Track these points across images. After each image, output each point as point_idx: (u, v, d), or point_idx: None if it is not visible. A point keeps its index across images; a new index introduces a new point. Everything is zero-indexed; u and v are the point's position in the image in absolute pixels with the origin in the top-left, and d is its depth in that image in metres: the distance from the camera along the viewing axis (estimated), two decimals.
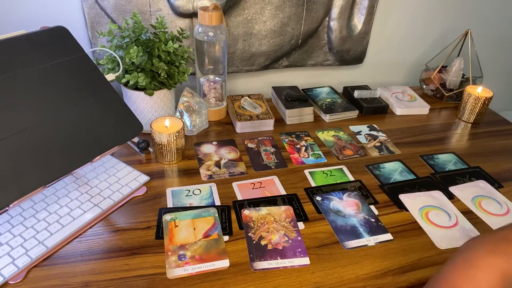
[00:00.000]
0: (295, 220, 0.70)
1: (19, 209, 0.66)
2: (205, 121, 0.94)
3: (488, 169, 0.87)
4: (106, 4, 0.90)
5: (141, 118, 0.87)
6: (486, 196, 0.79)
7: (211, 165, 0.83)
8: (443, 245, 0.67)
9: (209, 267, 0.60)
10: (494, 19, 1.29)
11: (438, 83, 1.16)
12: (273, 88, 1.10)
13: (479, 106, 1.04)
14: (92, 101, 0.69)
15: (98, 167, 0.78)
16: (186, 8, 0.94)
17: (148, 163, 0.82)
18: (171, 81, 0.86)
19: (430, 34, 1.25)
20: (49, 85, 0.66)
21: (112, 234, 0.65)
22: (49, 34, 0.70)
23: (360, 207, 0.74)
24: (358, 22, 1.12)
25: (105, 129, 0.69)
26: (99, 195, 0.71)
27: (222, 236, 0.65)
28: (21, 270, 0.57)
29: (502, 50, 1.38)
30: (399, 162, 0.88)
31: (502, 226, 0.47)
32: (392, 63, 1.27)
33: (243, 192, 0.76)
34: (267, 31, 1.04)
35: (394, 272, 0.62)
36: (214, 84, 0.98)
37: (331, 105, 1.06)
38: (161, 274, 0.59)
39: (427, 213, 0.74)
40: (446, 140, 0.99)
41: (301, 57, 1.13)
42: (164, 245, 0.63)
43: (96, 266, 0.59)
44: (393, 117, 1.08)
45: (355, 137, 0.97)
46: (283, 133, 0.96)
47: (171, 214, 0.69)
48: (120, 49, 0.83)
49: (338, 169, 0.85)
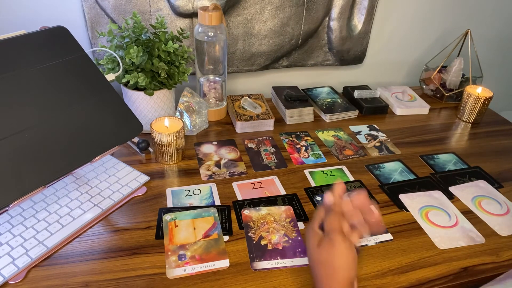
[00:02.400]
0: (295, 220, 0.70)
1: (19, 209, 0.66)
2: (205, 121, 0.94)
3: (488, 169, 0.87)
4: (106, 4, 0.90)
5: (141, 118, 0.87)
6: (486, 196, 0.79)
7: (211, 165, 0.83)
8: (443, 245, 0.67)
9: (209, 267, 0.60)
10: (494, 19, 1.29)
11: (438, 83, 1.16)
12: (273, 88, 1.10)
13: (479, 106, 1.04)
14: (92, 101, 0.69)
15: (98, 167, 0.78)
16: (186, 8, 0.94)
17: (148, 163, 0.82)
18: (171, 81, 0.86)
19: (430, 34, 1.25)
20: (49, 85, 0.66)
21: (112, 234, 0.65)
22: (49, 34, 0.70)
23: None
24: (358, 22, 1.12)
25: (105, 129, 0.69)
26: (99, 195, 0.71)
27: (222, 236, 0.65)
28: (21, 270, 0.57)
29: (502, 50, 1.38)
30: (399, 162, 0.88)
31: None
32: (392, 63, 1.27)
33: (243, 192, 0.76)
34: (267, 31, 1.04)
35: (394, 272, 0.62)
36: (214, 84, 0.98)
37: (331, 105, 1.06)
38: (161, 274, 0.59)
39: (427, 213, 0.74)
40: (446, 140, 0.99)
41: (301, 57, 1.13)
42: (164, 245, 0.63)
43: (96, 266, 0.59)
44: (393, 117, 1.08)
45: (355, 137, 0.97)
46: (283, 133, 0.96)
47: (171, 214, 0.69)
48: (120, 49, 0.83)
49: (338, 169, 0.85)
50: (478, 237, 0.69)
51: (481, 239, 0.69)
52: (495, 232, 0.71)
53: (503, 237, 0.70)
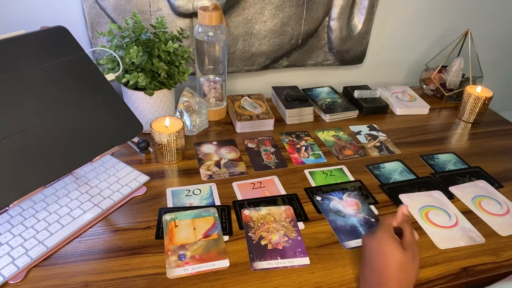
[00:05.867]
0: (295, 220, 0.70)
1: (19, 209, 0.66)
2: (205, 121, 0.94)
3: (488, 169, 0.87)
4: (106, 4, 0.90)
5: (141, 118, 0.87)
6: (486, 196, 0.79)
7: (211, 165, 0.83)
8: (443, 245, 0.67)
9: (209, 267, 0.60)
10: (494, 19, 1.29)
11: (438, 83, 1.16)
12: (273, 88, 1.10)
13: (479, 106, 1.04)
14: (92, 101, 0.69)
15: (98, 167, 0.78)
16: (186, 8, 0.94)
17: (148, 163, 0.82)
18: (171, 81, 0.86)
19: (430, 34, 1.25)
20: (49, 85, 0.66)
21: (112, 234, 0.65)
22: (49, 34, 0.70)
23: (360, 207, 0.74)
24: (358, 22, 1.12)
25: (105, 129, 0.69)
26: (99, 195, 0.71)
27: (222, 236, 0.65)
28: (21, 270, 0.57)
29: (502, 50, 1.38)
30: (399, 162, 0.88)
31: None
32: (392, 63, 1.27)
33: (243, 192, 0.76)
34: (267, 31, 1.04)
35: None
36: (214, 84, 0.98)
37: (331, 105, 1.06)
38: (161, 274, 0.59)
39: (427, 213, 0.74)
40: (446, 140, 0.99)
41: (301, 57, 1.13)
42: (164, 245, 0.63)
43: (96, 266, 0.59)
44: (393, 117, 1.08)
45: (355, 137, 0.97)
46: (283, 133, 0.96)
47: (171, 214, 0.69)
48: (120, 49, 0.83)
49: (338, 169, 0.85)
50: (478, 237, 0.69)
51: (481, 239, 0.69)
52: (495, 232, 0.71)
53: (503, 237, 0.70)
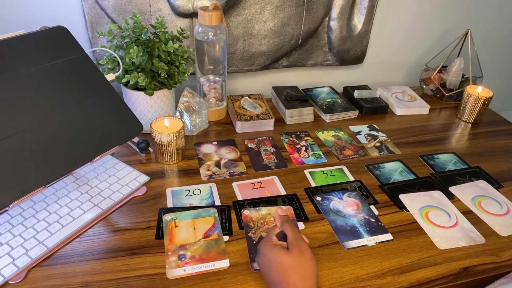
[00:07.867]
0: (295, 220, 0.70)
1: (19, 209, 0.66)
2: (205, 121, 0.94)
3: (488, 169, 0.87)
4: (106, 4, 0.90)
5: (141, 118, 0.87)
6: (486, 196, 0.79)
7: (211, 165, 0.83)
8: (443, 245, 0.67)
9: (209, 267, 0.60)
10: (494, 19, 1.29)
11: (438, 83, 1.16)
12: (273, 88, 1.10)
13: (479, 106, 1.04)
14: (92, 101, 0.69)
15: (98, 167, 0.78)
16: (186, 8, 0.94)
17: (148, 163, 0.82)
18: (171, 81, 0.86)
19: (430, 34, 1.25)
20: (49, 85, 0.65)
21: (112, 234, 0.65)
22: (49, 34, 0.70)
23: (360, 207, 0.74)
24: (358, 22, 1.12)
25: (105, 129, 0.69)
26: (99, 195, 0.71)
27: (222, 236, 0.65)
28: (21, 270, 0.57)
29: (502, 50, 1.38)
30: (399, 162, 0.88)
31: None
32: (392, 63, 1.27)
33: (243, 192, 0.76)
34: (267, 31, 1.04)
35: (394, 272, 0.62)
36: (214, 84, 0.98)
37: (331, 105, 1.06)
38: (161, 274, 0.59)
39: (427, 213, 0.74)
40: (446, 140, 0.99)
41: (301, 57, 1.13)
42: (164, 245, 0.63)
43: (96, 266, 0.59)
44: (393, 117, 1.08)
45: (355, 137, 0.97)
46: (283, 133, 0.96)
47: (171, 214, 0.69)
48: (120, 49, 0.83)
49: (338, 169, 0.85)
50: (478, 237, 0.69)
51: (481, 239, 0.69)
52: (495, 232, 0.71)
53: (503, 237, 0.70)
